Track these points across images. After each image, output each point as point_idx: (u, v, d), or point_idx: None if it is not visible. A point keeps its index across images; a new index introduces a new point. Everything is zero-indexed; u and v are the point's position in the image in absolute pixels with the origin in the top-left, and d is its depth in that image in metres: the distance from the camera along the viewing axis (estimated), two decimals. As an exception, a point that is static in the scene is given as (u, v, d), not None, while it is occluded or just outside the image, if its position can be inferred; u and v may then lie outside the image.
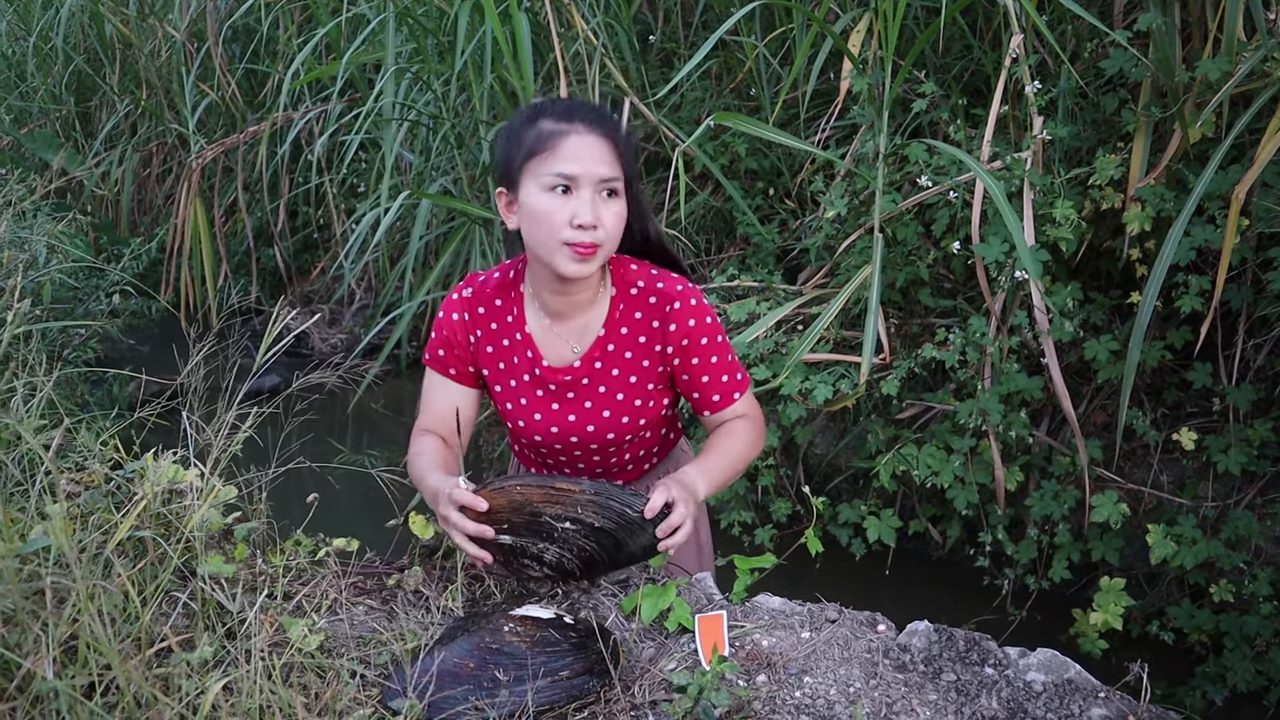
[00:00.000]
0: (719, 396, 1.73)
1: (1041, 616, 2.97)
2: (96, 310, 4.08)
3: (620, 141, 1.56)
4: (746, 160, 3.88)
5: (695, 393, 1.73)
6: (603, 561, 1.56)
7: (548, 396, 1.73)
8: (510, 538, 1.55)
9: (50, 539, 1.23)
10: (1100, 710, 1.32)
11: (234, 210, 5.94)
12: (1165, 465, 2.96)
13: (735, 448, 1.71)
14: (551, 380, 1.72)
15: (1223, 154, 2.53)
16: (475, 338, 1.75)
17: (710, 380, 1.71)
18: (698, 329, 1.68)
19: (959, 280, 3.18)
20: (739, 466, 1.72)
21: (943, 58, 3.58)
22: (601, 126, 1.54)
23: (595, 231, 1.54)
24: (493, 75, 3.63)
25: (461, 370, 1.77)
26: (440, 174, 4.31)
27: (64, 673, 1.17)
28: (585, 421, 1.73)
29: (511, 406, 1.75)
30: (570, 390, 1.72)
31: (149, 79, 6.10)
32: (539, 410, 1.74)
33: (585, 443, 1.75)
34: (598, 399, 1.72)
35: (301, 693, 1.29)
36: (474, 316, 1.74)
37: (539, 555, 1.55)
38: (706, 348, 1.69)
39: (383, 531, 1.77)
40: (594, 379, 1.72)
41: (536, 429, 1.75)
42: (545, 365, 1.72)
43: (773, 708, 1.37)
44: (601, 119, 1.56)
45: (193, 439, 1.64)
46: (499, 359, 1.75)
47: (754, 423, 1.75)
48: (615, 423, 1.73)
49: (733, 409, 1.74)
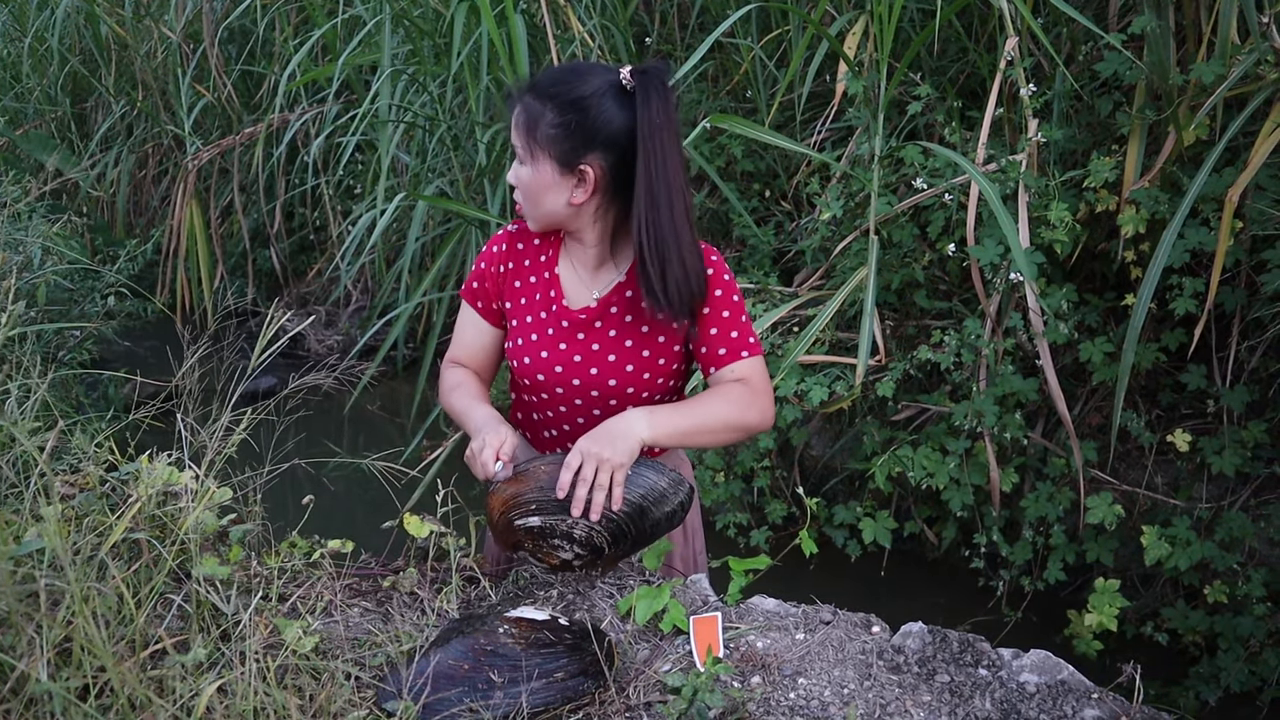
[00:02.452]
0: (725, 350, 1.70)
1: (1037, 617, 2.98)
2: (92, 312, 4.07)
3: (528, 111, 1.60)
4: (743, 162, 3.89)
5: (703, 346, 1.71)
6: (629, 532, 1.58)
7: (558, 335, 1.74)
8: (540, 519, 1.57)
9: (44, 541, 1.23)
10: (1093, 711, 1.32)
11: (230, 211, 5.94)
12: (1160, 467, 2.97)
13: (715, 406, 1.67)
14: (565, 318, 1.73)
15: (1217, 156, 2.54)
16: (506, 268, 1.79)
17: (719, 333, 1.70)
18: (713, 281, 1.69)
19: (954, 282, 3.19)
20: (716, 427, 1.66)
21: (938, 60, 3.59)
22: (524, 96, 1.61)
23: (515, 193, 1.68)
24: (489, 77, 3.64)
25: (487, 306, 1.82)
26: (437, 175, 4.31)
27: (58, 675, 1.17)
28: (589, 364, 1.72)
29: (521, 343, 1.77)
30: (581, 331, 1.73)
31: (144, 80, 6.09)
32: (546, 348, 1.75)
33: (586, 388, 1.74)
34: (606, 342, 1.72)
35: (296, 695, 1.29)
36: (512, 251, 1.80)
37: (569, 532, 1.56)
38: (720, 301, 1.69)
39: (378, 532, 1.77)
40: (606, 322, 1.72)
41: (541, 367, 1.75)
42: (563, 305, 1.74)
43: (767, 709, 1.37)
44: (529, 87, 1.61)
45: (188, 441, 1.64)
46: (522, 295, 1.78)
47: (753, 390, 1.70)
48: (619, 369, 1.72)
49: (735, 367, 1.70)
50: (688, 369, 1.82)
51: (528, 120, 1.59)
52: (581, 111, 1.56)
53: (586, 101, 1.56)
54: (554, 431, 1.84)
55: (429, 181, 4.31)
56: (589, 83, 1.57)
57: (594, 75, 1.59)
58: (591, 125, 1.57)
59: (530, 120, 1.59)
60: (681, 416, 1.65)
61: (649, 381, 1.74)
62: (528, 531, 1.59)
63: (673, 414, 1.64)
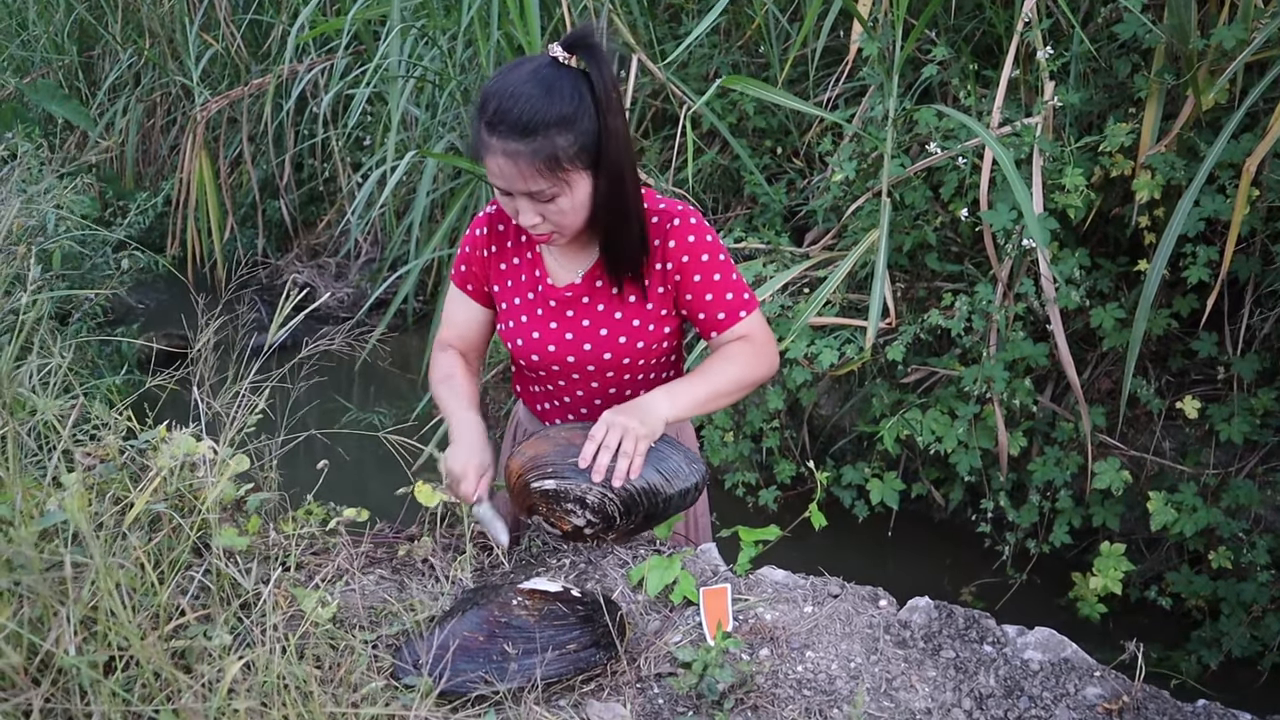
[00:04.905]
0: (724, 314, 1.71)
1: (1041, 580, 3.01)
2: (103, 265, 4.08)
3: (540, 154, 1.49)
4: (755, 119, 3.85)
5: (700, 313, 1.72)
6: (641, 504, 1.60)
7: (547, 314, 1.76)
8: (555, 482, 1.60)
9: (66, 514, 1.25)
10: (1095, 689, 1.34)
11: (239, 162, 5.92)
12: (1168, 432, 2.98)
13: (726, 370, 1.69)
14: (552, 297, 1.75)
15: (1236, 123, 2.51)
16: (490, 252, 1.80)
17: (714, 298, 1.70)
18: (697, 245, 1.68)
19: (966, 244, 3.17)
20: (729, 389, 1.70)
21: (954, 18, 3.53)
22: (517, 142, 1.48)
23: (541, 225, 1.59)
24: (499, 31, 3.59)
25: (478, 289, 1.84)
26: (447, 130, 4.29)
27: (84, 648, 1.20)
28: (582, 340, 1.74)
29: (513, 325, 1.79)
30: (570, 308, 1.74)
31: (152, 28, 6.04)
32: (537, 328, 1.76)
33: (582, 363, 1.76)
34: (595, 317, 1.74)
35: (315, 665, 1.32)
36: (493, 233, 1.80)
37: (582, 498, 1.59)
38: (708, 265, 1.69)
39: (392, 490, 1.79)
40: (594, 297, 1.73)
41: (534, 348, 1.77)
42: (549, 284, 1.75)
43: (775, 682, 1.40)
44: (520, 131, 1.47)
45: (204, 412, 1.66)
46: (509, 277, 1.79)
47: (757, 345, 1.72)
48: (612, 342, 1.74)
49: (736, 329, 1.72)
50: (682, 327, 1.82)
51: (545, 159, 1.49)
52: (578, 117, 1.50)
53: (572, 108, 1.49)
54: (556, 403, 1.87)
55: (439, 136, 4.29)
56: (552, 87, 1.49)
57: (541, 76, 1.50)
58: (589, 122, 1.52)
59: (547, 157, 1.49)
60: (697, 387, 1.68)
61: (644, 349, 1.75)
62: (542, 495, 1.62)
63: (689, 387, 1.68)
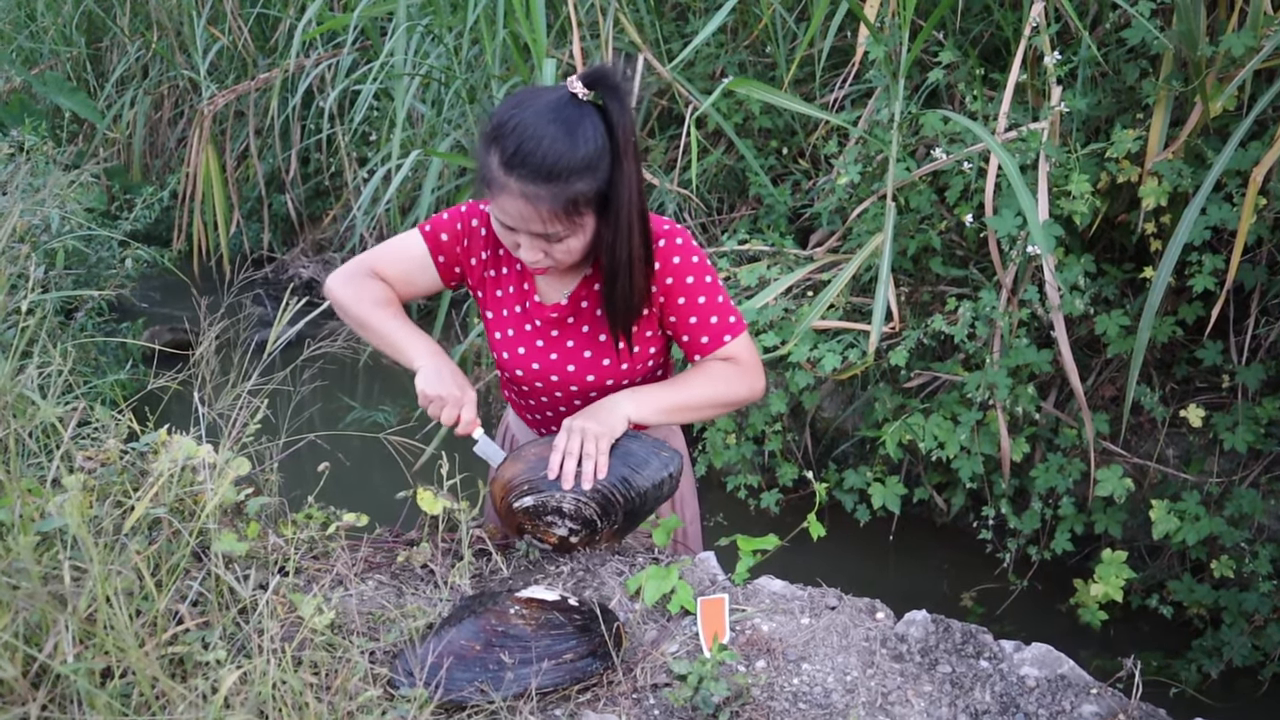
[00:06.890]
0: (708, 338, 1.70)
1: (1042, 586, 3.01)
2: (109, 260, 4.08)
3: (560, 199, 1.48)
4: (760, 119, 3.84)
5: (685, 335, 1.71)
6: (616, 501, 1.62)
7: (534, 332, 1.76)
8: (532, 498, 1.63)
9: (65, 519, 1.25)
10: (1091, 707, 1.34)
11: (246, 156, 5.92)
12: (1171, 440, 2.97)
13: (701, 384, 1.70)
14: (538, 316, 1.74)
15: (1244, 130, 2.50)
16: (467, 244, 1.77)
17: (699, 321, 1.69)
18: (683, 266, 1.66)
19: (971, 248, 3.16)
20: (701, 403, 1.70)
21: (961, 20, 3.52)
22: (539, 186, 1.46)
23: (543, 261, 1.58)
24: (505, 29, 3.59)
25: (448, 266, 1.79)
26: (453, 128, 4.28)
27: (83, 655, 1.20)
28: (566, 361, 1.74)
29: (500, 337, 1.79)
30: (555, 328, 1.74)
31: (160, 20, 6.04)
32: (523, 345, 1.76)
33: (565, 383, 1.76)
34: (580, 339, 1.73)
35: (312, 672, 1.32)
36: (489, 234, 1.76)
37: (559, 508, 1.62)
38: (693, 287, 1.67)
39: (391, 490, 1.79)
40: (579, 318, 1.73)
41: (519, 363, 1.77)
42: (535, 301, 1.74)
43: (771, 694, 1.40)
44: (544, 176, 1.46)
45: (204, 415, 1.66)
46: (497, 286, 1.78)
47: (741, 367, 1.72)
48: (595, 364, 1.73)
49: (720, 353, 1.71)
50: (667, 346, 1.82)
51: (564, 204, 1.48)
52: (599, 162, 1.49)
53: (595, 152, 1.48)
54: (541, 415, 1.89)
55: (444, 134, 4.28)
56: (575, 129, 1.47)
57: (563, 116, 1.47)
58: (605, 166, 1.50)
59: (567, 202, 1.48)
60: (667, 395, 1.69)
61: (629, 371, 1.75)
62: (525, 513, 1.65)
63: (658, 392, 1.70)
